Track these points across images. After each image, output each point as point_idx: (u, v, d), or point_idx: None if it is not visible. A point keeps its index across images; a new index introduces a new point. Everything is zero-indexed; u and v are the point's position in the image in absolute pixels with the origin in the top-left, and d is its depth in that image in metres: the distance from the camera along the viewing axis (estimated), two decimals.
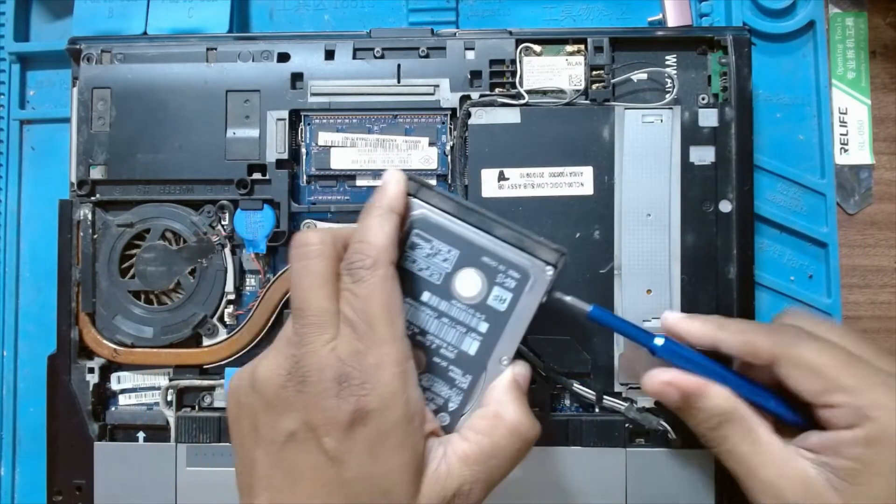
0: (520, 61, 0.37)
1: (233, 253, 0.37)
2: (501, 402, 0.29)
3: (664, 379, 0.30)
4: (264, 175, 0.37)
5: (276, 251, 0.37)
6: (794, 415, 0.30)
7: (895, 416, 0.27)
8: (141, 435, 0.37)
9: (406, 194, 0.29)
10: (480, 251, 0.29)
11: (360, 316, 0.26)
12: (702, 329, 0.31)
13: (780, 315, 0.32)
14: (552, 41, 0.37)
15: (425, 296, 0.29)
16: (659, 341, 0.31)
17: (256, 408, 0.27)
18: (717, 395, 0.30)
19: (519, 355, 0.36)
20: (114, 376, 0.38)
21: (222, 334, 0.37)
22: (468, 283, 0.29)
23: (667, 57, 0.37)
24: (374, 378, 0.26)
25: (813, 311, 0.39)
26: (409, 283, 0.29)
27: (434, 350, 0.29)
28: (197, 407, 0.37)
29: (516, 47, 0.37)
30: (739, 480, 0.30)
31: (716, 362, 0.30)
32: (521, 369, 0.30)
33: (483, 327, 0.29)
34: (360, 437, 0.26)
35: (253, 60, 0.37)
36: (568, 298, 0.31)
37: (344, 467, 0.26)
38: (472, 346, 0.29)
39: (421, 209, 0.29)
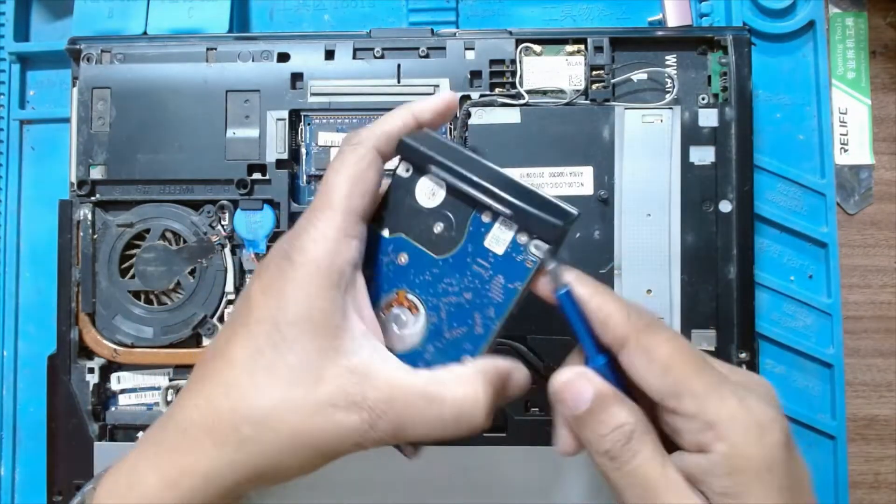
0: (520, 61, 0.37)
1: (233, 253, 0.37)
2: (475, 374, 0.26)
3: (582, 371, 0.26)
4: (264, 175, 0.37)
5: None
6: None
7: (749, 434, 0.23)
8: (141, 435, 0.37)
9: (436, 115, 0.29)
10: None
11: (325, 181, 0.27)
12: (568, 276, 0.26)
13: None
14: (552, 41, 0.37)
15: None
16: (600, 360, 0.26)
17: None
18: (635, 408, 0.25)
19: (521, 358, 0.36)
20: (114, 376, 0.37)
21: None
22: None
23: (667, 57, 0.37)
24: (308, 231, 0.26)
25: (812, 312, 0.39)
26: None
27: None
28: None
29: (516, 47, 0.37)
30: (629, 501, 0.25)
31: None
32: (519, 373, 0.28)
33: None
34: (274, 282, 0.26)
35: (253, 60, 0.37)
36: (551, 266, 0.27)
37: (255, 308, 0.26)
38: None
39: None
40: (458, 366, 0.27)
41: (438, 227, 0.28)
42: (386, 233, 0.28)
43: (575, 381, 0.25)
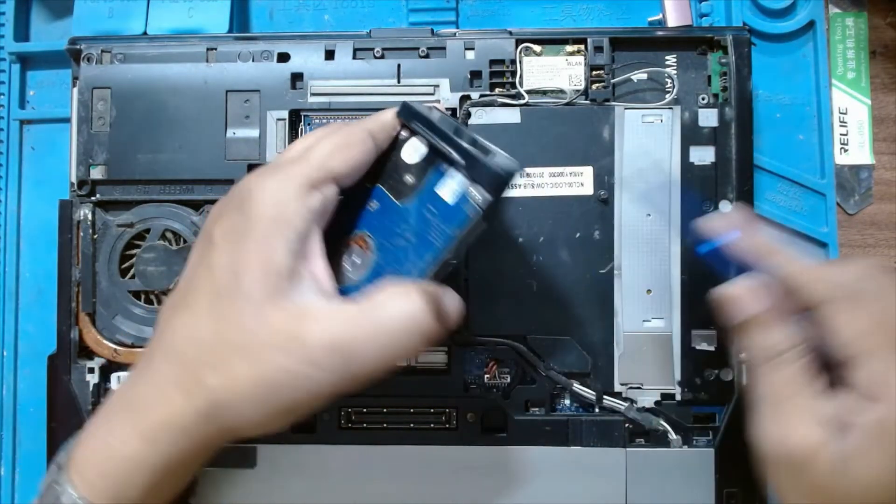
0: (520, 61, 0.37)
1: None
2: (410, 288, 0.27)
3: (750, 287, 0.29)
4: None
5: None
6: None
7: None
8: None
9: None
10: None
11: (313, 139, 0.28)
12: (755, 246, 0.29)
13: (841, 261, 0.31)
14: (552, 41, 0.37)
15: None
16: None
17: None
18: (787, 334, 0.28)
19: (521, 358, 0.36)
20: (114, 376, 0.37)
21: None
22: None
23: (667, 57, 0.37)
24: (277, 181, 0.27)
25: None
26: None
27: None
28: None
29: (516, 47, 0.37)
30: (756, 406, 0.28)
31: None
32: (451, 297, 0.28)
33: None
34: (236, 224, 0.26)
35: (253, 60, 0.37)
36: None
37: (216, 254, 0.26)
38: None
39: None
40: (389, 284, 0.27)
41: (409, 179, 0.29)
42: (368, 184, 0.30)
43: (742, 295, 0.29)
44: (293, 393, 0.25)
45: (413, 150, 0.30)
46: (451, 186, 0.28)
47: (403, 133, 0.30)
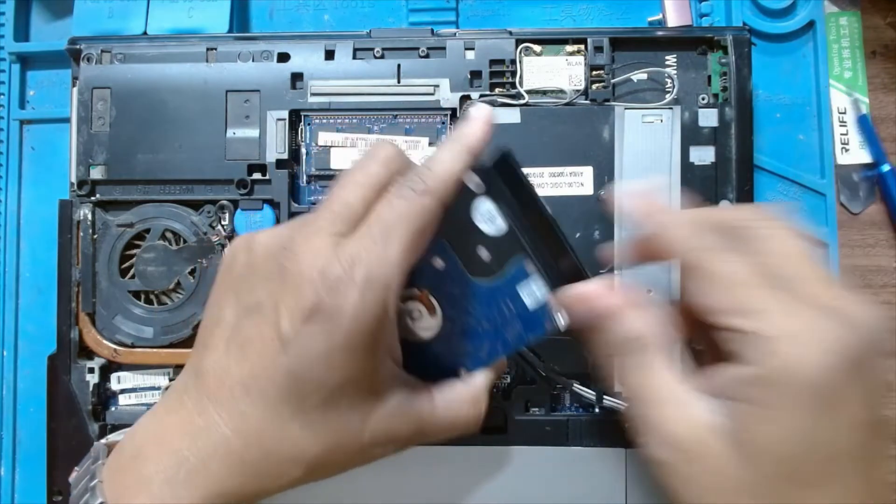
0: (520, 61, 0.37)
1: None
2: (480, 394, 0.30)
3: (581, 291, 0.27)
4: (264, 175, 0.37)
5: None
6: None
7: (806, 353, 0.22)
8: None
9: (487, 139, 0.28)
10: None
11: (381, 226, 0.25)
12: (635, 202, 0.28)
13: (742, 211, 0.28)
14: (552, 41, 0.37)
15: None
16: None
17: (245, 269, 0.27)
18: (634, 320, 0.26)
19: (521, 358, 0.36)
20: (114, 376, 0.38)
21: None
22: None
23: (667, 57, 0.37)
24: (358, 286, 0.24)
25: None
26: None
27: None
28: None
29: (516, 47, 0.37)
30: (632, 410, 0.26)
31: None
32: (500, 367, 0.31)
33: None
34: (317, 334, 0.25)
35: (253, 60, 0.37)
36: None
37: (291, 355, 0.25)
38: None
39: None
40: (463, 385, 0.29)
41: (483, 254, 0.28)
42: None
43: (593, 291, 0.27)
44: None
45: (489, 219, 0.28)
46: (534, 295, 0.28)
47: (471, 181, 0.28)
